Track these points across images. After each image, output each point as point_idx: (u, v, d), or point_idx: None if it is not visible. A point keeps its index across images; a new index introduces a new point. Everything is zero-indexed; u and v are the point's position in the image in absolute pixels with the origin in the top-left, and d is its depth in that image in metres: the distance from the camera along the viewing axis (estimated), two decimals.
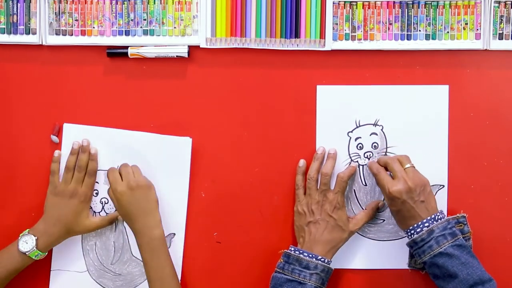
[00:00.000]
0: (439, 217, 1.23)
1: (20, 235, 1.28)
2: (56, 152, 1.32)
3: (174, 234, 1.34)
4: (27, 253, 1.26)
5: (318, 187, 1.30)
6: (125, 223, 1.33)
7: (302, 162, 1.33)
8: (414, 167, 1.27)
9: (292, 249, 1.27)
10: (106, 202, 1.34)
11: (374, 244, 1.34)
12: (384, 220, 1.34)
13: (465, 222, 1.28)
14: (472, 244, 1.28)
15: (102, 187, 1.33)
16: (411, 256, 1.31)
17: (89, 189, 1.31)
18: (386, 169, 1.28)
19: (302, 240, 1.29)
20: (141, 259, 1.28)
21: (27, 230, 1.28)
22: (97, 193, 1.34)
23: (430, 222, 1.22)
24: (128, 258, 1.34)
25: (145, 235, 1.26)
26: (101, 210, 1.34)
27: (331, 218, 1.28)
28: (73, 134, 1.33)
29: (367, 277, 1.34)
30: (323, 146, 1.33)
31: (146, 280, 1.27)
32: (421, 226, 1.23)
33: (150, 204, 1.28)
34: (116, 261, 1.34)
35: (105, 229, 1.34)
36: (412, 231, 1.23)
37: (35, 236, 1.27)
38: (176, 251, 1.34)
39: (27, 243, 1.26)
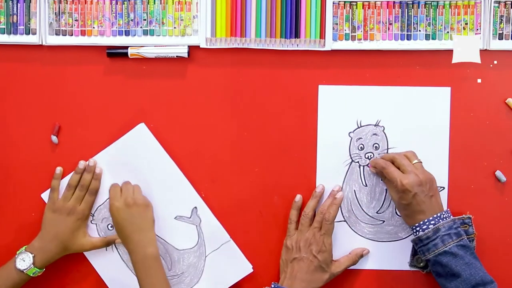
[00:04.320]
0: (444, 216, 1.24)
1: (17, 252, 1.27)
2: (58, 169, 1.32)
3: (196, 207, 1.33)
4: (24, 271, 1.26)
5: (311, 224, 1.30)
6: None
7: (298, 197, 1.32)
8: (421, 162, 1.27)
9: (273, 286, 1.27)
10: None
11: (374, 245, 1.34)
12: (384, 221, 1.34)
13: (470, 224, 1.28)
14: (475, 246, 1.28)
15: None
16: (413, 255, 1.31)
17: (88, 208, 1.32)
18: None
19: (284, 275, 1.29)
20: (188, 247, 1.32)
21: (24, 248, 1.28)
22: None
23: (436, 220, 1.23)
24: (178, 255, 1.34)
25: (139, 253, 1.26)
26: None
27: (316, 259, 1.28)
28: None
29: (366, 278, 1.34)
30: (322, 184, 1.33)
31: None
32: (427, 223, 1.23)
33: (145, 222, 1.28)
34: (171, 265, 1.34)
35: None
36: (418, 228, 1.24)
37: (32, 253, 1.27)
38: (209, 219, 1.33)
39: (24, 260, 1.26)
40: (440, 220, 1.23)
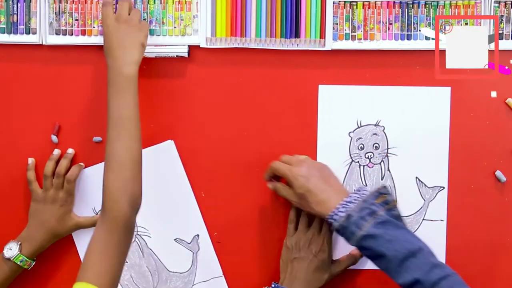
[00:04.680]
0: (354, 198, 1.18)
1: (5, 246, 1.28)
2: (30, 160, 1.32)
3: (198, 235, 1.33)
4: (11, 259, 1.26)
5: (311, 225, 1.30)
6: (149, 244, 1.33)
7: None
8: (308, 157, 1.29)
9: (273, 285, 1.27)
10: None
11: None
12: None
13: (388, 192, 1.20)
14: (400, 212, 1.20)
15: None
16: None
17: (69, 195, 1.31)
18: (278, 179, 1.30)
19: (284, 275, 1.29)
20: (179, 271, 1.32)
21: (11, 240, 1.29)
22: None
23: (346, 206, 1.17)
24: (167, 275, 1.34)
25: (115, 70, 1.20)
26: None
27: (315, 259, 1.27)
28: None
29: (366, 278, 1.34)
30: None
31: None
32: (337, 212, 1.17)
33: (132, 41, 1.22)
34: (157, 283, 1.33)
35: (134, 258, 1.33)
36: (331, 220, 1.18)
37: (18, 242, 1.27)
38: (207, 250, 1.33)
39: (11, 249, 1.26)
40: (350, 204, 1.17)
